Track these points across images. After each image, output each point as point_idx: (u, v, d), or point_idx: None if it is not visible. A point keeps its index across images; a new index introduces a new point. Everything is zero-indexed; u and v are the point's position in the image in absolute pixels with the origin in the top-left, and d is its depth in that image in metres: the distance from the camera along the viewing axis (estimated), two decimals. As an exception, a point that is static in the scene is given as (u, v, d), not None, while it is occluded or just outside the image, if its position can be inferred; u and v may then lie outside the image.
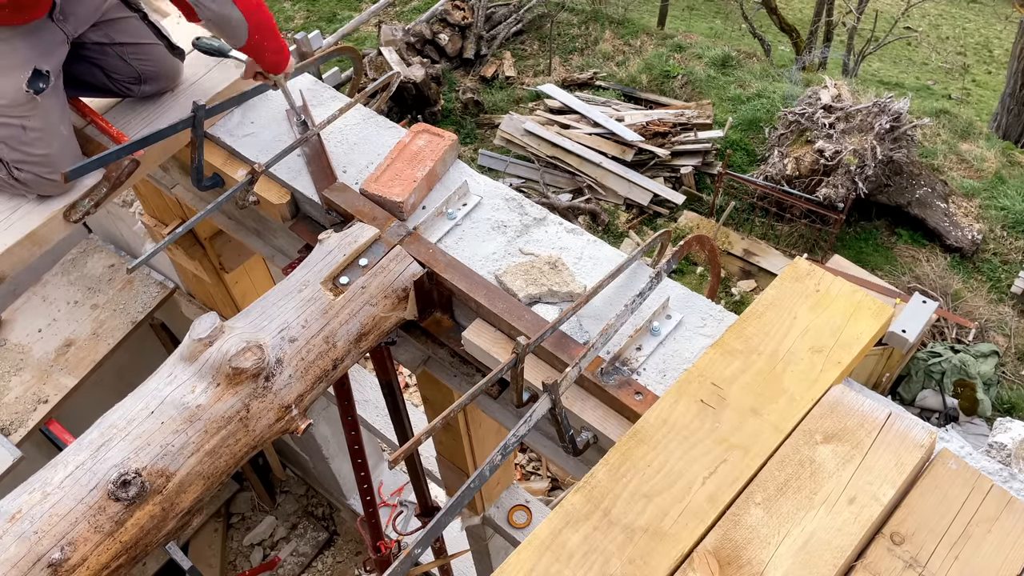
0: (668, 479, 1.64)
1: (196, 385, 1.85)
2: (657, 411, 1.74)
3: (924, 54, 15.10)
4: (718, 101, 10.12)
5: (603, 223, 8.83)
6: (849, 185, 8.04)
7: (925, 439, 1.65)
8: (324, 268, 2.10)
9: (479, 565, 4.42)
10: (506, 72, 10.79)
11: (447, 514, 1.61)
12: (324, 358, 2.01)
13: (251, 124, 2.54)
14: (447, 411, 1.72)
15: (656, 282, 2.00)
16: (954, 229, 8.46)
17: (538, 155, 9.30)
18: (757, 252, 8.58)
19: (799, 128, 8.61)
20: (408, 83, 9.63)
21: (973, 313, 7.84)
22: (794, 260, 2.01)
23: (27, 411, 2.57)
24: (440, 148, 2.33)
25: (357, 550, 6.07)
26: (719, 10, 15.46)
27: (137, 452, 1.77)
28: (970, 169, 9.33)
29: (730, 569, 1.51)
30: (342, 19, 12.02)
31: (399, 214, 2.24)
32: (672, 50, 11.01)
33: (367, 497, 3.17)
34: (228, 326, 1.92)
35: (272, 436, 1.96)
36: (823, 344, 1.81)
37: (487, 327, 2.11)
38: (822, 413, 1.71)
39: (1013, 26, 15.02)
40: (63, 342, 2.72)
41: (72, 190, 2.36)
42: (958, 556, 1.53)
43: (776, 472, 1.63)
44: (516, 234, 2.23)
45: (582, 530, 1.58)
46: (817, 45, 12.71)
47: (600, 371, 1.91)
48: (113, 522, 1.73)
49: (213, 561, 5.89)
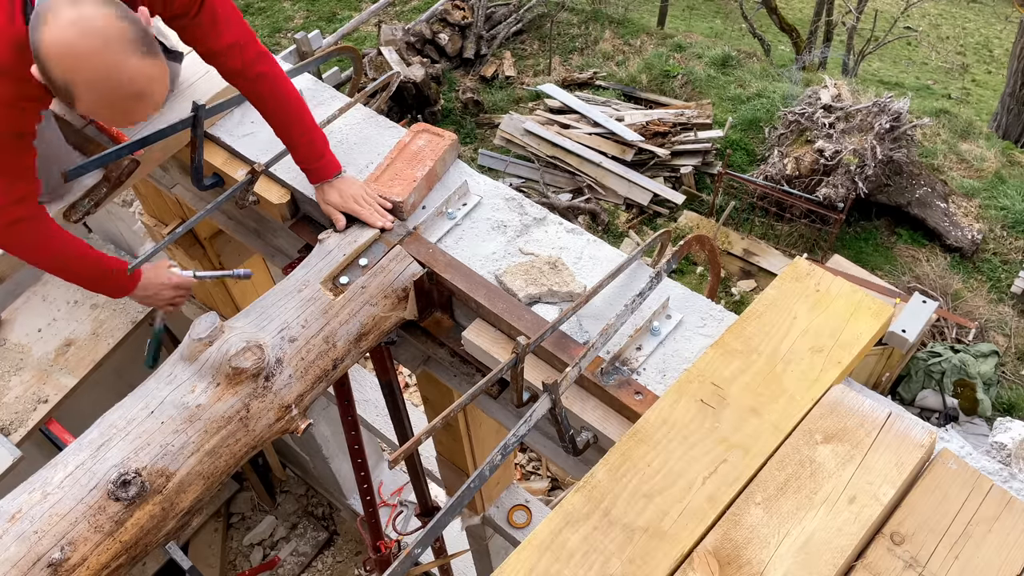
0: (668, 479, 1.64)
1: (196, 385, 1.85)
2: (657, 411, 1.74)
3: (924, 54, 15.10)
4: (718, 101, 10.11)
5: (603, 223, 8.83)
6: (849, 185, 8.04)
7: (925, 439, 1.65)
8: (324, 268, 2.11)
9: (479, 565, 4.42)
10: (506, 72, 10.78)
11: (447, 514, 1.61)
12: (324, 358, 2.01)
13: (251, 124, 2.54)
14: (447, 411, 1.72)
15: (656, 282, 2.00)
16: (954, 229, 8.46)
17: (538, 155, 9.30)
18: (757, 252, 8.58)
19: (799, 128, 8.61)
20: (408, 83, 9.63)
21: (973, 313, 7.84)
22: (794, 260, 2.01)
23: (27, 411, 2.57)
24: (440, 148, 2.33)
25: (357, 550, 6.07)
26: (719, 10, 15.46)
27: (137, 452, 1.77)
28: (970, 169, 9.32)
29: (730, 569, 1.51)
30: (342, 19, 12.02)
31: (399, 214, 2.24)
32: (672, 50, 11.01)
33: (367, 497, 3.17)
34: (228, 326, 1.92)
35: (272, 436, 1.96)
36: (823, 344, 1.81)
37: (487, 327, 2.11)
38: (822, 413, 1.71)
39: (1013, 26, 15.02)
40: (63, 342, 2.72)
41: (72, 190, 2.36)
42: (958, 556, 1.53)
43: (776, 472, 1.63)
44: (516, 234, 2.23)
45: (582, 530, 1.58)
46: (817, 45, 12.70)
47: (600, 371, 1.91)
48: (113, 522, 1.73)
49: (213, 561, 5.89)
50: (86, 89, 1.67)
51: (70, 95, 1.69)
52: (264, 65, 2.12)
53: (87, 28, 1.62)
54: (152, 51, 1.71)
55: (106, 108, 1.75)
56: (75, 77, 1.65)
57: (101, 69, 1.65)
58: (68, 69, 1.65)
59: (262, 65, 2.11)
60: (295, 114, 2.19)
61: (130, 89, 1.70)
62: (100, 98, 1.70)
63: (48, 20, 1.62)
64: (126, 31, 1.66)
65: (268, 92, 2.14)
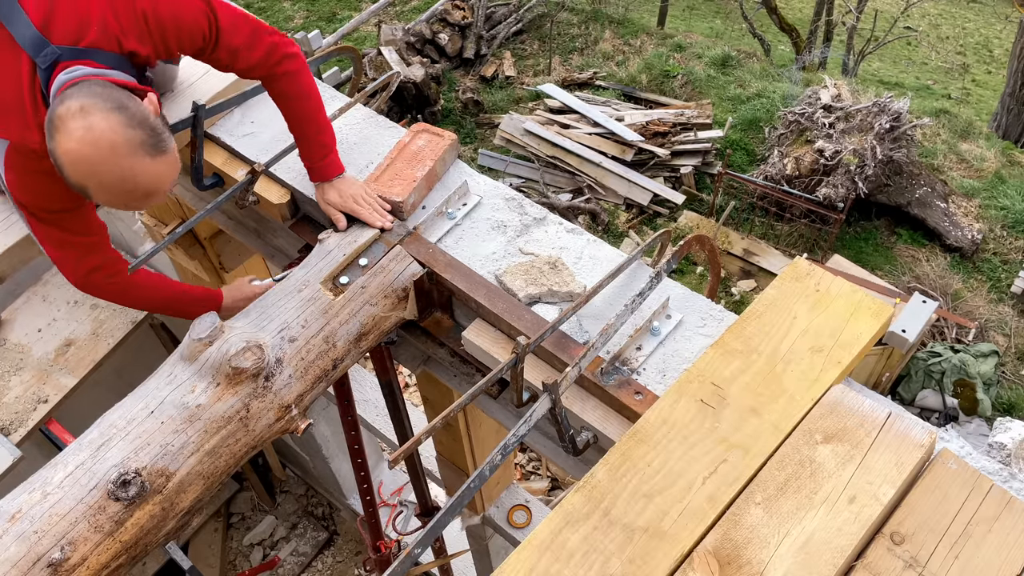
0: (668, 479, 1.64)
1: (196, 385, 1.85)
2: (657, 411, 1.74)
3: (924, 54, 15.10)
4: (718, 101, 10.11)
5: (603, 223, 8.83)
6: (849, 185, 8.04)
7: (925, 439, 1.65)
8: (324, 268, 2.11)
9: (479, 565, 4.42)
10: (506, 72, 10.78)
11: (447, 514, 1.61)
12: (324, 358, 2.01)
13: (251, 124, 2.54)
14: (447, 411, 1.72)
15: (656, 282, 2.00)
16: (954, 229, 8.46)
17: (538, 155, 9.30)
18: (757, 252, 8.58)
19: (799, 128, 8.61)
20: (408, 83, 9.63)
21: (973, 313, 7.84)
22: (794, 260, 2.01)
23: (27, 411, 2.57)
24: (440, 148, 2.33)
25: (357, 550, 6.07)
26: (719, 10, 15.46)
27: (137, 452, 1.77)
28: (970, 169, 9.32)
29: (730, 569, 1.51)
30: (342, 19, 12.02)
31: (399, 214, 2.24)
32: (672, 50, 11.01)
33: (367, 497, 3.17)
34: (228, 326, 1.92)
35: (272, 436, 1.96)
36: (823, 344, 1.81)
37: (487, 327, 2.11)
38: (822, 413, 1.71)
39: (1013, 26, 15.02)
40: (63, 342, 2.72)
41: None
42: (958, 556, 1.53)
43: (776, 472, 1.63)
44: (516, 234, 2.23)
45: (582, 530, 1.58)
46: (817, 45, 12.70)
47: (600, 371, 1.91)
48: (113, 522, 1.73)
49: (213, 561, 5.89)
50: (99, 191, 1.77)
51: (86, 194, 1.79)
52: (290, 63, 2.12)
53: (97, 139, 1.70)
54: (160, 148, 1.79)
55: (119, 205, 1.87)
56: (88, 182, 1.75)
57: (113, 174, 1.74)
58: (82, 175, 1.74)
59: (289, 64, 2.12)
60: (312, 110, 2.20)
61: (141, 190, 1.80)
62: (113, 198, 1.81)
63: (60, 130, 1.70)
64: (134, 138, 1.73)
65: (291, 89, 2.15)
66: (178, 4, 1.92)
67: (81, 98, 1.71)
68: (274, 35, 2.09)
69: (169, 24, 1.91)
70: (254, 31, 2.05)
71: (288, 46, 2.12)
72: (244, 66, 2.09)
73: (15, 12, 1.82)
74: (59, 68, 1.81)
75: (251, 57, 2.06)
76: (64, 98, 1.73)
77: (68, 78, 1.79)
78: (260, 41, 2.06)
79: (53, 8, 1.83)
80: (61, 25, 1.82)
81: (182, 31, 1.94)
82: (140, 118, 1.76)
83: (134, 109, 1.76)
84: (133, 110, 1.76)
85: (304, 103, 2.18)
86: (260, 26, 2.08)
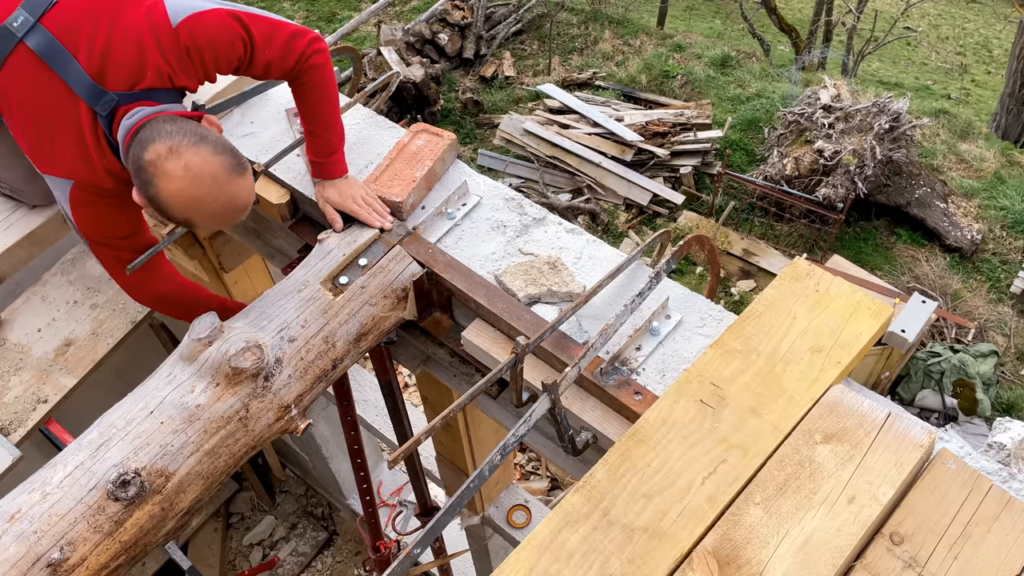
0: (667, 479, 1.64)
1: (195, 385, 1.85)
2: (656, 411, 1.74)
3: (924, 54, 15.10)
4: (718, 101, 10.11)
5: (602, 223, 8.83)
6: (848, 185, 8.04)
7: (924, 439, 1.65)
8: (324, 268, 2.11)
9: (478, 565, 4.42)
10: (506, 72, 10.78)
11: (447, 514, 1.61)
12: (323, 358, 2.01)
13: (251, 124, 2.54)
14: (447, 411, 1.72)
15: (656, 282, 2.00)
16: (954, 229, 8.46)
17: (538, 155, 9.30)
18: (757, 252, 8.58)
19: (798, 128, 8.61)
20: (408, 83, 9.63)
21: (972, 313, 7.84)
22: (793, 260, 2.01)
23: (26, 411, 2.57)
24: (439, 148, 2.33)
25: (357, 550, 6.07)
26: (719, 10, 15.46)
27: (136, 452, 1.77)
28: (969, 169, 9.32)
29: (729, 569, 1.51)
30: (342, 19, 12.02)
31: (398, 214, 2.24)
32: (672, 50, 11.01)
33: (367, 497, 3.17)
34: (227, 326, 1.92)
35: (272, 436, 1.96)
36: (823, 344, 1.81)
37: (487, 327, 2.11)
38: (821, 413, 1.71)
39: (1013, 26, 15.02)
40: (63, 342, 2.72)
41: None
42: (957, 556, 1.53)
43: (775, 472, 1.63)
44: (515, 234, 2.23)
45: (581, 530, 1.58)
46: (817, 45, 12.71)
47: (599, 371, 1.91)
48: (112, 522, 1.73)
49: (213, 561, 5.88)
50: (204, 220, 1.87)
51: (189, 225, 1.90)
52: (316, 57, 2.14)
53: (197, 175, 1.78)
54: (243, 164, 1.87)
55: (221, 226, 2.02)
56: (193, 214, 1.83)
57: (218, 202, 1.83)
58: (187, 210, 1.82)
59: (315, 59, 2.14)
60: (328, 105, 2.21)
61: (240, 208, 1.90)
62: (217, 222, 1.92)
63: (157, 175, 1.77)
64: (225, 164, 1.82)
65: (311, 79, 2.16)
66: (215, 33, 1.96)
67: (163, 139, 1.77)
68: (305, 36, 2.11)
69: (208, 55, 1.96)
70: (286, 42, 2.07)
71: (316, 42, 2.14)
72: (278, 75, 2.13)
73: (68, 63, 1.87)
74: (120, 113, 1.87)
75: (284, 66, 2.10)
76: (143, 144, 1.78)
77: (132, 122, 1.85)
78: (292, 50, 2.08)
79: (106, 56, 1.86)
80: (115, 74, 1.87)
81: (220, 58, 1.99)
82: (220, 143, 1.83)
83: (211, 137, 1.83)
84: (212, 138, 1.82)
85: (320, 94, 2.19)
86: (292, 33, 2.09)
